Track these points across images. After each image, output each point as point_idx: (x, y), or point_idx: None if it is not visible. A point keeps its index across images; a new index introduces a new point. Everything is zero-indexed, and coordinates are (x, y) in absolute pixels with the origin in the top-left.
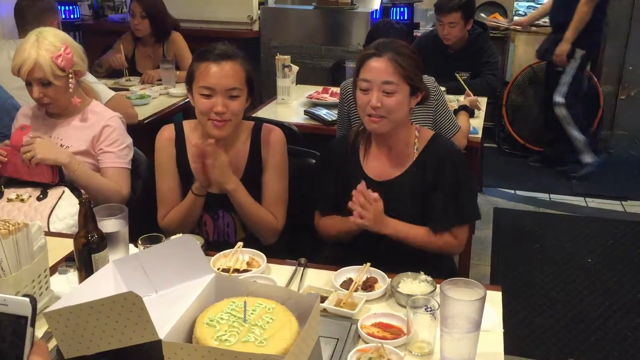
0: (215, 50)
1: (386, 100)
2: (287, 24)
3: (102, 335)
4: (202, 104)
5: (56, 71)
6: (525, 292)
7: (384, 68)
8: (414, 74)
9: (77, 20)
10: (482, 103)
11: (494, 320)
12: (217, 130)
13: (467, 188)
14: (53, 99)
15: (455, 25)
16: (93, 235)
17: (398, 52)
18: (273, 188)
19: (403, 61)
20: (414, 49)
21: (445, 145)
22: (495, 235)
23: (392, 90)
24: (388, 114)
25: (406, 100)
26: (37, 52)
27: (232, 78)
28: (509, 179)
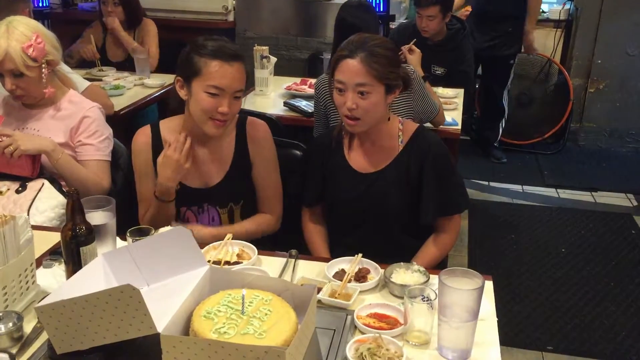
0: (221, 47)
1: (361, 102)
2: (262, 14)
3: (97, 329)
4: (207, 103)
5: (27, 61)
6: (501, 282)
7: (357, 70)
8: (388, 72)
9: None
10: (459, 96)
11: (488, 309)
12: (217, 129)
13: (453, 179)
14: (26, 90)
15: (434, 18)
16: (81, 227)
17: (372, 53)
18: (267, 184)
19: (377, 62)
20: (390, 44)
21: (430, 138)
22: (471, 226)
23: (367, 91)
24: (364, 114)
25: (382, 100)
26: (7, 43)
27: (240, 80)
28: (483, 170)
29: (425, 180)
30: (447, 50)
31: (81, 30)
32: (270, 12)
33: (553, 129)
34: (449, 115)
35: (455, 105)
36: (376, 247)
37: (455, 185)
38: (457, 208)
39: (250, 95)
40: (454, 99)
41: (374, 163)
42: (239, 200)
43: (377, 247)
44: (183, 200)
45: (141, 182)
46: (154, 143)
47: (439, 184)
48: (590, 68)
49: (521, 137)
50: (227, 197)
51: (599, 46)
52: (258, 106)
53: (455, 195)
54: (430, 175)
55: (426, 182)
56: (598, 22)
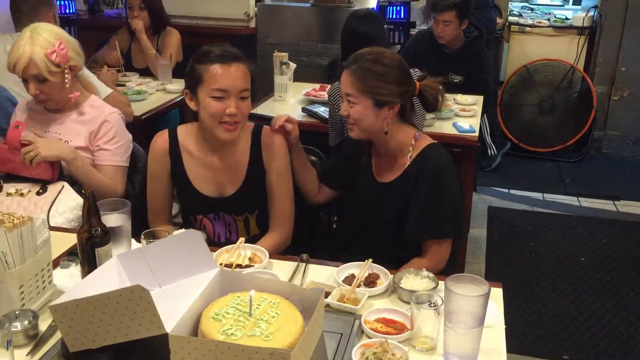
0: (218, 51)
1: (350, 110)
2: (283, 21)
3: (108, 328)
4: (214, 107)
5: (51, 67)
6: (519, 290)
7: (346, 80)
8: (376, 87)
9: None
10: (478, 103)
11: (496, 316)
12: (229, 134)
13: (443, 203)
14: (49, 95)
15: (450, 24)
16: (97, 229)
17: (361, 67)
18: (279, 194)
19: (363, 75)
20: (390, 61)
21: (433, 157)
22: (490, 233)
23: (353, 101)
24: (355, 122)
25: (370, 112)
26: (31, 49)
27: (243, 79)
28: (503, 178)
29: (415, 198)
30: (465, 58)
31: (107, 37)
32: (292, 19)
33: (576, 137)
34: (467, 122)
35: (474, 112)
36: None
37: (443, 209)
38: (439, 233)
39: (269, 101)
40: (472, 106)
41: (386, 174)
42: (254, 209)
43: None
44: (199, 208)
45: (152, 186)
46: (171, 148)
47: (426, 204)
48: (614, 75)
49: (543, 145)
50: (243, 207)
51: (623, 54)
52: (276, 112)
53: (440, 219)
54: (421, 193)
55: (415, 199)
56: (622, 29)
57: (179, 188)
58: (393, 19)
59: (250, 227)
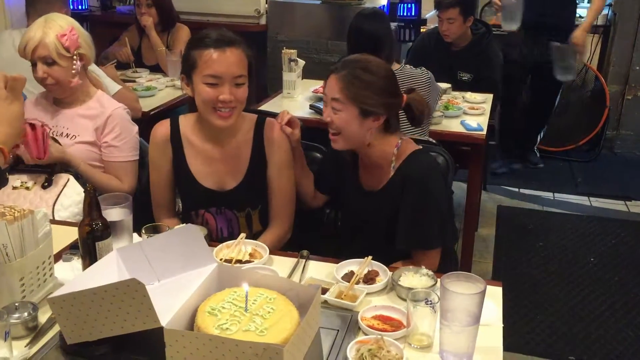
0: (214, 35)
1: (334, 117)
2: (294, 18)
3: (104, 321)
4: (207, 93)
5: (60, 50)
6: (527, 290)
7: (334, 86)
8: (364, 96)
9: (84, 12)
10: (487, 101)
11: (494, 314)
12: (223, 120)
13: (429, 213)
14: (57, 79)
15: (454, 21)
16: (97, 223)
17: (352, 73)
18: (279, 188)
19: (352, 82)
20: (381, 71)
21: (416, 166)
22: (499, 233)
23: (338, 108)
24: (339, 131)
25: (354, 121)
26: (42, 31)
27: (238, 65)
28: (513, 177)
29: (403, 207)
30: (473, 55)
31: (119, 33)
32: (302, 16)
33: (588, 136)
34: (475, 120)
35: (483, 110)
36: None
37: (430, 220)
38: (427, 245)
39: (277, 97)
40: (481, 104)
41: (373, 183)
42: (256, 204)
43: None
44: (200, 201)
45: (154, 175)
46: (172, 136)
47: (412, 216)
48: (628, 75)
49: (555, 144)
50: (245, 202)
51: (637, 53)
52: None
53: (426, 231)
54: (408, 203)
55: (403, 208)
56: (637, 28)
57: (180, 179)
58: (404, 17)
59: (252, 223)
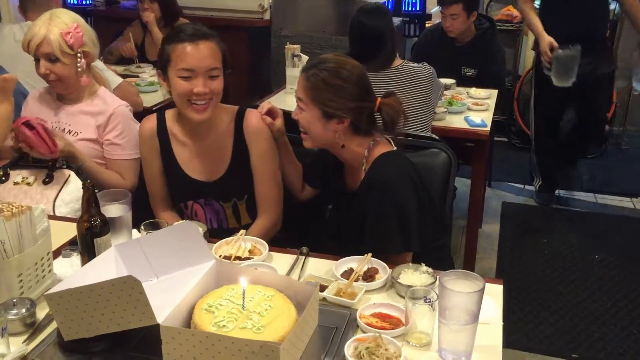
0: (186, 30)
1: (299, 116)
2: (298, 13)
3: (101, 318)
4: (181, 86)
5: (64, 47)
6: (530, 287)
7: (300, 84)
8: (325, 99)
9: (89, 7)
10: (491, 97)
11: (494, 313)
12: (199, 114)
13: (389, 219)
14: (60, 76)
15: (457, 17)
16: (96, 219)
17: (319, 76)
18: (263, 177)
19: (316, 84)
20: (350, 76)
21: (381, 169)
22: (503, 229)
23: (302, 107)
24: (304, 130)
25: (318, 122)
26: (47, 28)
27: (211, 58)
28: (519, 173)
29: (368, 210)
30: (477, 50)
31: (123, 28)
32: (306, 11)
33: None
34: (479, 116)
35: (487, 106)
36: None
37: (389, 225)
38: (385, 249)
39: (280, 93)
40: (486, 100)
41: (351, 184)
42: (242, 195)
43: None
44: (188, 192)
45: (146, 169)
46: (159, 130)
47: (374, 218)
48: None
49: None
50: (230, 192)
51: None
52: (288, 104)
53: (386, 236)
54: (371, 206)
55: (368, 212)
56: None
57: (168, 171)
58: (408, 12)
59: (240, 214)
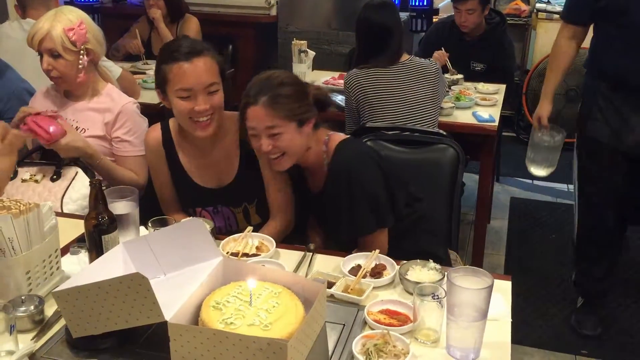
0: (182, 48)
1: (276, 143)
2: (304, 9)
3: (109, 315)
4: (182, 106)
5: (66, 43)
6: (539, 283)
7: (263, 115)
8: (296, 108)
9: (96, 4)
10: (499, 92)
11: (503, 309)
12: (203, 131)
13: (359, 200)
14: (62, 72)
15: (473, 12)
16: (103, 216)
17: (273, 95)
18: (273, 181)
19: (280, 102)
20: (293, 81)
21: (343, 155)
22: (511, 225)
23: (278, 132)
24: (284, 152)
25: (296, 135)
26: (50, 24)
27: (208, 73)
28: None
29: (338, 199)
30: (487, 45)
31: (130, 25)
32: (312, 7)
33: None
34: (487, 111)
35: (495, 101)
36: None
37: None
38: (365, 229)
39: None
40: (494, 95)
41: (317, 185)
42: (252, 199)
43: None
44: (197, 200)
45: (155, 178)
46: (164, 139)
47: (346, 204)
48: None
49: (569, 135)
50: (241, 197)
51: None
52: None
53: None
54: (340, 193)
55: (338, 200)
56: None
57: (176, 179)
58: (416, 6)
59: (250, 217)
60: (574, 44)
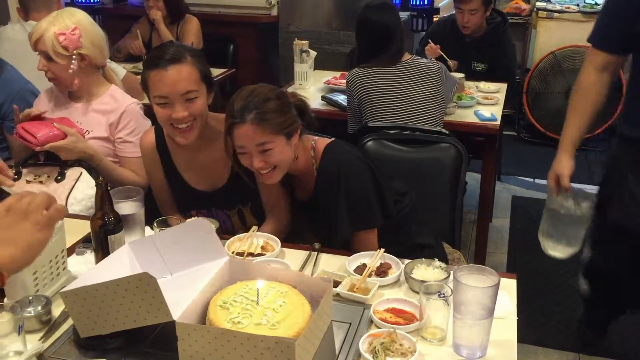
0: (163, 54)
1: (268, 158)
2: (305, 8)
3: (117, 315)
4: (160, 113)
5: (57, 48)
6: (541, 281)
7: (252, 133)
8: (283, 122)
9: (97, 5)
10: (501, 91)
11: (508, 307)
12: (183, 137)
13: (362, 196)
14: (56, 74)
15: (476, 12)
16: (109, 217)
17: (260, 112)
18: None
19: (266, 118)
20: (273, 92)
21: (333, 158)
22: (513, 223)
23: (269, 147)
24: (276, 166)
25: (285, 147)
26: (46, 26)
27: (185, 81)
28: (528, 167)
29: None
30: (488, 46)
31: (131, 26)
32: (313, 7)
33: (604, 126)
34: (489, 110)
35: (497, 100)
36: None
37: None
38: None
39: (289, 89)
40: (495, 94)
41: (306, 192)
42: (246, 201)
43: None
44: (192, 204)
45: (151, 179)
46: (158, 144)
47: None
48: None
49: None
50: (235, 199)
51: None
52: None
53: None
54: (333, 195)
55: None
56: None
57: (171, 183)
58: (416, 6)
59: (245, 219)
60: (605, 76)
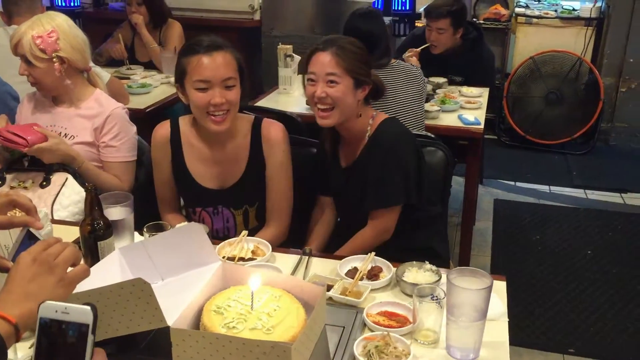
0: (203, 42)
1: (330, 90)
2: (288, 13)
3: (110, 321)
4: (198, 98)
5: (35, 51)
6: (525, 284)
7: (328, 61)
8: (357, 67)
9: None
10: (483, 95)
11: (499, 309)
12: (217, 125)
13: (393, 173)
14: (37, 79)
15: (444, 32)
16: (99, 222)
17: (341, 47)
18: (277, 187)
19: (345, 55)
20: (360, 45)
21: (386, 130)
22: (496, 226)
23: (335, 80)
24: (334, 103)
25: (350, 92)
26: (24, 30)
27: (226, 68)
28: (509, 170)
29: (371, 169)
30: (464, 60)
31: (112, 30)
32: (296, 11)
33: (583, 129)
34: (472, 114)
35: (479, 104)
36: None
37: (392, 178)
38: (390, 200)
39: (273, 93)
40: (478, 98)
41: (350, 156)
42: (254, 202)
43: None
44: (198, 200)
45: (157, 175)
46: (172, 138)
47: (379, 174)
48: (622, 67)
49: (550, 137)
50: (243, 199)
51: (630, 45)
52: (281, 104)
53: (389, 188)
54: (376, 163)
55: (371, 171)
56: (630, 20)
57: (178, 178)
58: (398, 11)
59: (249, 219)
60: None
